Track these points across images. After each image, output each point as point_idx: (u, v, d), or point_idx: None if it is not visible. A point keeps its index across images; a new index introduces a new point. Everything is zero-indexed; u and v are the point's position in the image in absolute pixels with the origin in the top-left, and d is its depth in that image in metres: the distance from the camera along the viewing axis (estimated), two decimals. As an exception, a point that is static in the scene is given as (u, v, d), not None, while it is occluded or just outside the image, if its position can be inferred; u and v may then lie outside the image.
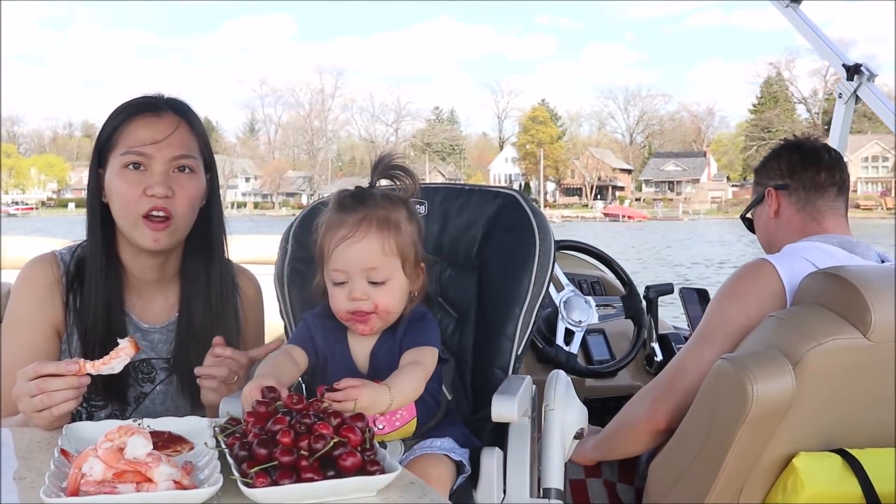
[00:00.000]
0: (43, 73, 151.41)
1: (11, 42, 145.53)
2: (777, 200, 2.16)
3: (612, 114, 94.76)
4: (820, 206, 2.11)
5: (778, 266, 1.91)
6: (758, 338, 1.76)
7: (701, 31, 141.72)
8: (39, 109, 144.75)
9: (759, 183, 2.25)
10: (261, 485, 1.09)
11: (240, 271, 1.94)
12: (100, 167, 1.76)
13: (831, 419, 1.74)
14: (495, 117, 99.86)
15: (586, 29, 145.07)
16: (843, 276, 1.70)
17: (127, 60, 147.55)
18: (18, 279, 1.77)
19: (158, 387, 1.80)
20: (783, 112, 78.28)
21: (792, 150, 2.20)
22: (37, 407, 1.45)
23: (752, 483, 1.75)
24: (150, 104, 1.76)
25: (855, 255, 2.01)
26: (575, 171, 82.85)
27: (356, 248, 1.54)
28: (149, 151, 1.70)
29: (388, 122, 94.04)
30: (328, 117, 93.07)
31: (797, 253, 1.98)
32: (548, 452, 1.69)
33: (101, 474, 1.09)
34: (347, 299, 1.55)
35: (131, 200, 1.69)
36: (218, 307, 1.82)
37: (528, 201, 1.93)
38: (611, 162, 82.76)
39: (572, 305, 3.02)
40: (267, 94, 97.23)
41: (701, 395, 1.79)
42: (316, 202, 2.00)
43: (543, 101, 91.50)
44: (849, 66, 3.09)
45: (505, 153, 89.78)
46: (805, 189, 2.12)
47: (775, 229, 2.17)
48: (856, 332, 1.65)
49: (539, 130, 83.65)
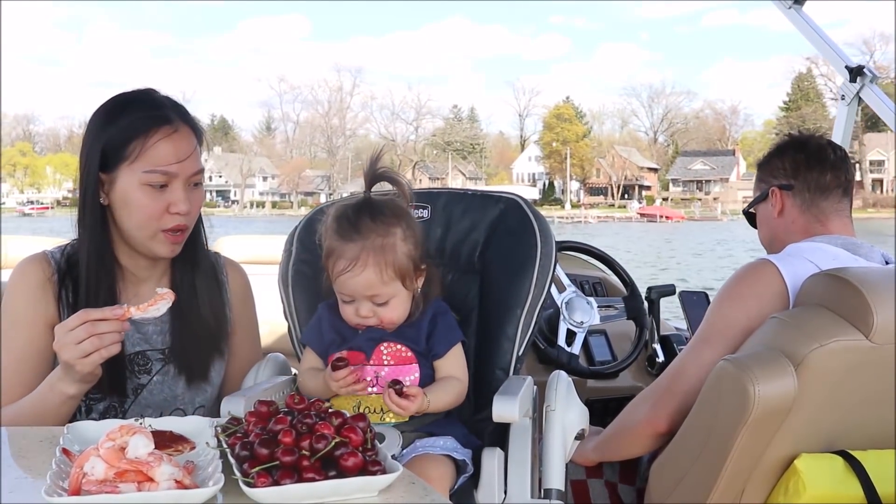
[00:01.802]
0: (58, 73, 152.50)
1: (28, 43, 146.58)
2: (781, 201, 2.14)
3: (634, 111, 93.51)
4: (825, 207, 2.10)
5: (780, 266, 1.90)
6: (759, 339, 1.76)
7: (716, 30, 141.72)
8: (55, 108, 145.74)
9: (762, 180, 2.22)
10: (262, 485, 1.09)
11: (228, 265, 1.99)
12: (102, 170, 1.73)
13: (833, 420, 1.74)
14: (515, 116, 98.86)
15: (600, 29, 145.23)
16: (845, 278, 1.69)
17: (142, 61, 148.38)
18: (11, 279, 1.79)
19: (155, 377, 1.82)
20: (817, 108, 75.94)
21: (797, 148, 2.18)
22: (86, 350, 1.51)
23: (753, 484, 1.75)
24: (164, 118, 1.74)
25: (858, 256, 2.00)
26: (600, 169, 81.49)
27: (356, 280, 1.64)
28: (174, 171, 1.72)
29: (409, 119, 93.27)
30: (346, 115, 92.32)
31: (800, 253, 1.97)
32: (549, 453, 1.69)
33: (103, 474, 1.09)
34: (355, 315, 1.68)
35: (154, 217, 1.72)
36: (208, 299, 1.87)
37: (530, 205, 1.94)
38: (637, 161, 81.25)
39: (574, 306, 3.02)
40: (285, 92, 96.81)
41: (702, 397, 1.79)
42: (320, 206, 2.02)
43: (568, 99, 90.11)
44: (851, 67, 3.09)
45: (528, 151, 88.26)
46: (810, 190, 2.10)
47: (778, 229, 2.15)
48: (858, 334, 1.64)
49: (564, 128, 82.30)
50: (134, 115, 1.73)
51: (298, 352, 1.91)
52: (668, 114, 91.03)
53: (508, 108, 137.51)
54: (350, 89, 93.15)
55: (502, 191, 2.04)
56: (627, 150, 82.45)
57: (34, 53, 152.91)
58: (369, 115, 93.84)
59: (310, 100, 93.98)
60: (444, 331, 1.73)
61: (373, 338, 1.69)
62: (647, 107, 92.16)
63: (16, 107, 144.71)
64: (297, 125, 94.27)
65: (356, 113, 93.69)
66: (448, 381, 1.70)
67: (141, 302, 1.80)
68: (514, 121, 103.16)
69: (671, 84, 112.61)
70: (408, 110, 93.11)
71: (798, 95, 78.44)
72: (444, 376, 1.71)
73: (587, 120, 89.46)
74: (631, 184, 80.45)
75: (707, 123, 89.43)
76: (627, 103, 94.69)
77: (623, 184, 79.92)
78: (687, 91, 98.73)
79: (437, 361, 1.72)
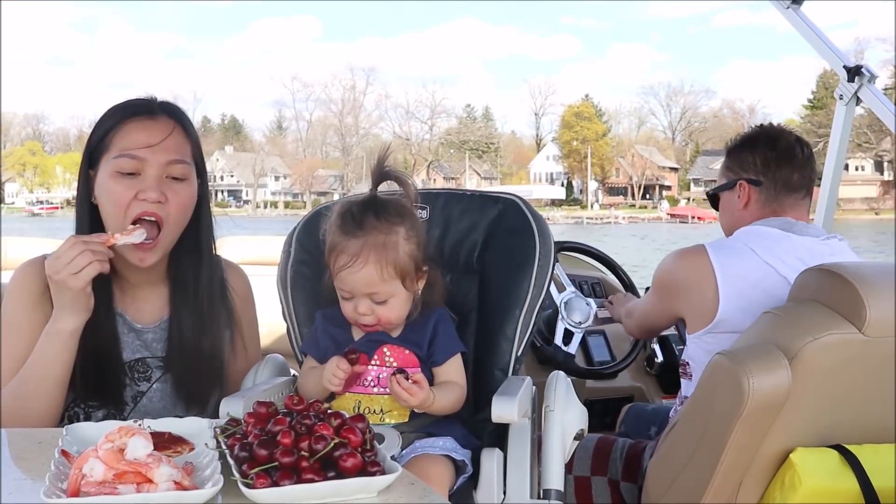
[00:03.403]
0: (70, 74, 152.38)
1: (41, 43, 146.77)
2: (748, 195, 2.25)
3: (652, 111, 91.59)
4: (786, 203, 2.22)
5: (712, 254, 2.08)
6: (753, 333, 1.77)
7: (727, 30, 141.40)
8: (65, 108, 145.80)
9: (730, 168, 2.32)
10: (261, 486, 1.09)
11: (229, 267, 1.94)
12: (91, 168, 1.75)
13: (828, 414, 1.75)
14: (528, 115, 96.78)
15: (611, 29, 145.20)
16: (837, 272, 1.71)
17: (155, 62, 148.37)
18: (11, 283, 1.78)
19: (155, 385, 1.80)
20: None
21: (769, 145, 2.26)
22: (80, 265, 1.57)
23: (749, 479, 1.76)
24: (144, 107, 1.75)
25: (791, 233, 2.12)
26: (620, 169, 79.87)
27: (357, 276, 1.64)
28: (143, 155, 1.69)
29: (424, 118, 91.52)
30: (360, 114, 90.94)
31: (739, 240, 2.14)
32: (548, 453, 1.69)
33: (102, 475, 1.09)
34: (354, 312, 1.68)
35: (122, 204, 1.68)
36: (208, 307, 1.82)
37: (529, 205, 1.95)
38: (657, 160, 79.53)
39: (573, 306, 3.02)
40: (298, 90, 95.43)
41: (697, 391, 1.81)
42: (318, 207, 2.02)
43: (587, 97, 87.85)
44: (849, 67, 3.09)
45: (546, 151, 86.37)
46: (776, 188, 2.22)
47: (740, 218, 2.26)
48: (851, 327, 1.66)
49: (584, 126, 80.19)
50: (117, 109, 1.76)
51: (297, 353, 1.91)
52: (685, 113, 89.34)
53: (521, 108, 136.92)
54: (363, 88, 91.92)
55: (500, 191, 2.04)
56: (648, 150, 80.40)
57: (47, 54, 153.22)
58: (383, 113, 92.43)
59: (323, 98, 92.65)
60: (445, 340, 1.73)
61: (374, 340, 1.69)
62: (665, 106, 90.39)
63: (25, 106, 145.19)
64: (310, 124, 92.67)
65: (370, 112, 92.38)
66: (449, 384, 1.71)
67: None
68: (528, 120, 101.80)
69: (690, 82, 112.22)
70: (422, 109, 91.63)
71: (824, 93, 77.41)
72: (444, 381, 1.71)
73: (606, 118, 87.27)
74: (651, 184, 78.67)
75: (724, 123, 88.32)
76: (644, 102, 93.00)
77: (643, 184, 78.17)
78: (706, 90, 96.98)
79: (437, 368, 1.72)
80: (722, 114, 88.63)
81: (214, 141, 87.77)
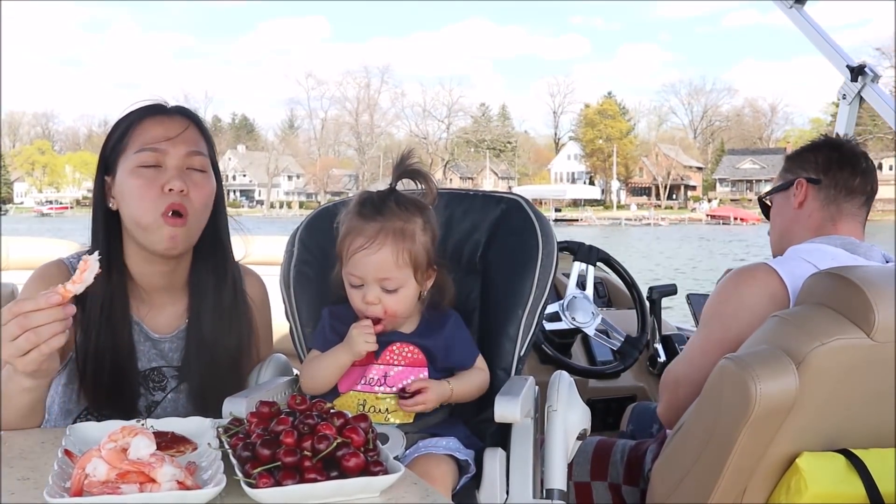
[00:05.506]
0: (80, 74, 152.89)
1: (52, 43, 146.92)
2: (805, 192, 2.14)
3: (672, 109, 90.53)
4: (844, 209, 2.11)
5: (779, 269, 1.91)
6: (760, 337, 1.76)
7: (737, 30, 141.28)
8: (75, 108, 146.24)
9: (789, 170, 2.22)
10: (264, 485, 1.09)
11: (245, 272, 1.92)
12: (106, 175, 1.74)
13: (835, 419, 1.74)
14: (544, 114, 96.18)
15: (620, 29, 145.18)
16: (846, 276, 1.70)
17: (164, 63, 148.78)
18: (29, 281, 1.75)
19: (170, 395, 1.78)
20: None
21: (832, 147, 2.19)
22: (23, 349, 1.34)
23: (755, 483, 1.75)
24: (157, 106, 1.76)
25: (857, 255, 2.00)
26: (644, 168, 78.30)
27: (371, 259, 1.64)
28: (163, 147, 1.69)
29: (441, 117, 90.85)
30: (375, 113, 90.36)
31: (797, 255, 1.98)
32: (551, 453, 1.69)
33: (105, 475, 1.09)
34: (361, 301, 1.67)
35: (150, 198, 1.67)
36: (228, 316, 1.80)
37: (531, 205, 1.95)
38: (682, 160, 77.98)
39: (576, 307, 3.02)
40: (312, 88, 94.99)
41: (704, 395, 1.79)
42: (319, 207, 2.02)
43: (610, 94, 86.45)
44: (853, 67, 3.08)
45: (567, 150, 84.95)
46: (836, 188, 2.11)
47: (793, 221, 2.16)
48: (859, 332, 1.64)
49: (608, 125, 78.74)
50: (130, 111, 1.76)
51: (300, 353, 1.91)
52: (707, 111, 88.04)
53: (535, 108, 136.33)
54: (378, 87, 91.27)
55: (502, 192, 2.04)
56: (673, 149, 78.80)
57: (57, 54, 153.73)
58: (399, 112, 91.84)
59: (338, 96, 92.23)
60: (465, 345, 1.76)
61: (382, 338, 1.69)
62: (686, 104, 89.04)
63: (35, 105, 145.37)
64: (324, 122, 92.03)
65: (385, 110, 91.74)
66: (469, 371, 1.75)
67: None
68: (544, 120, 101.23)
69: (711, 80, 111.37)
70: (440, 107, 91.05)
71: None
72: (471, 368, 1.76)
73: (629, 116, 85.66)
74: (676, 183, 77.12)
75: (746, 122, 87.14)
76: (665, 100, 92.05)
77: (668, 184, 76.50)
78: (728, 87, 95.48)
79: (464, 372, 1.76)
80: (744, 112, 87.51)
81: (226, 140, 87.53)
